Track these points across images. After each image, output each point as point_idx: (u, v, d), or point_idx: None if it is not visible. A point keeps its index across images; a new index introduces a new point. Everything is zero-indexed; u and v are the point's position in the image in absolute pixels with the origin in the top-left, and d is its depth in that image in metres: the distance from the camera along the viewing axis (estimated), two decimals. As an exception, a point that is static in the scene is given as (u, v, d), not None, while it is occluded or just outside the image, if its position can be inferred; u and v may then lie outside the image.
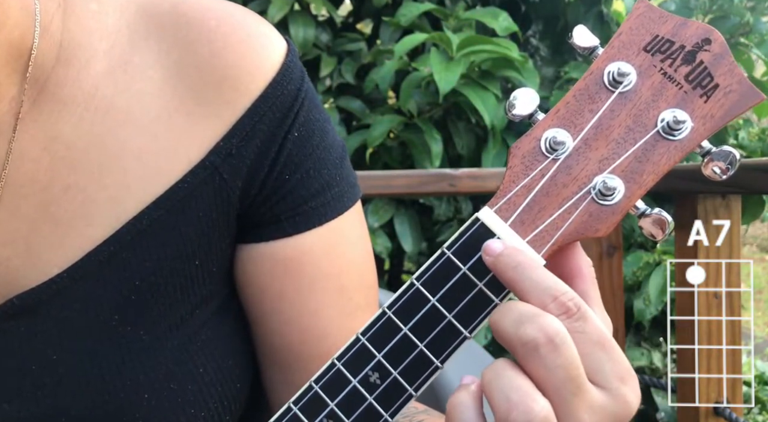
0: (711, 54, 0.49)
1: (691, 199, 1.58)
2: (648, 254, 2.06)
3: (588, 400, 0.45)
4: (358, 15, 2.56)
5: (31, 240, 0.59)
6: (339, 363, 0.49)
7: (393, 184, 1.78)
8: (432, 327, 0.48)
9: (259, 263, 0.63)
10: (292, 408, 0.49)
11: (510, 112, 0.50)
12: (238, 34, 0.61)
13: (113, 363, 0.59)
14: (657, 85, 0.49)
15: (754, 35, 2.31)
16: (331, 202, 0.63)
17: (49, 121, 0.59)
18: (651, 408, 2.19)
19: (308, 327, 0.63)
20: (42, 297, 0.58)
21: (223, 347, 0.64)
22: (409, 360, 0.48)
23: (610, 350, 0.45)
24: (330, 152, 0.64)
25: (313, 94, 0.64)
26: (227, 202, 0.61)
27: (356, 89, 2.31)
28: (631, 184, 0.48)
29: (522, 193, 0.49)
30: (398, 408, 0.48)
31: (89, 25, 0.61)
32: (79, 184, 0.59)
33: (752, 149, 2.27)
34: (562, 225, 0.48)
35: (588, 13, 2.50)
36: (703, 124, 0.48)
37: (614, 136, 0.49)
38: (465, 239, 0.48)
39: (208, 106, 0.60)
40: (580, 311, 0.45)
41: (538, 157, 0.49)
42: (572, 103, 0.50)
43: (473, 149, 2.18)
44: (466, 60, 2.03)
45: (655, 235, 0.49)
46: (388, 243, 2.10)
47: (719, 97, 0.49)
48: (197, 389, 0.62)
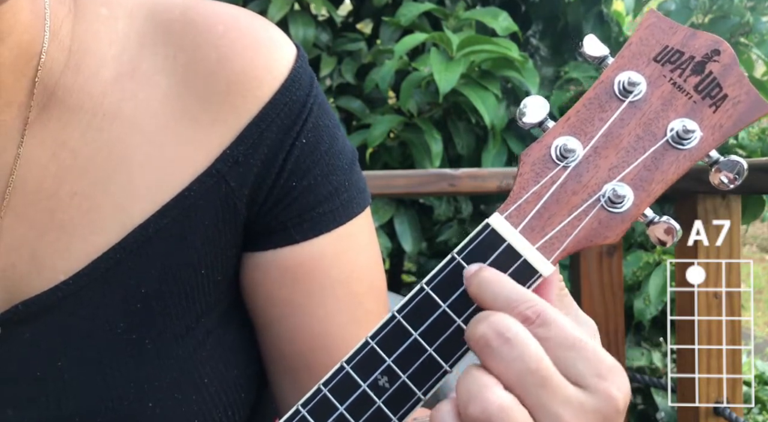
0: (720, 65, 0.50)
1: (691, 198, 1.58)
2: (648, 254, 2.06)
3: (562, 395, 0.44)
4: (358, 15, 2.56)
5: (37, 246, 0.59)
6: (348, 367, 0.49)
7: (393, 184, 1.78)
8: (441, 331, 0.48)
9: (267, 271, 0.63)
10: (300, 411, 0.49)
11: (520, 120, 0.50)
12: (246, 40, 0.61)
13: (118, 371, 0.59)
14: (667, 95, 0.50)
15: (754, 35, 2.31)
16: (340, 208, 0.63)
17: (57, 128, 0.59)
18: (651, 408, 2.19)
19: (318, 333, 0.63)
20: (47, 304, 0.58)
21: (228, 357, 0.64)
22: (418, 365, 0.48)
23: (581, 349, 0.45)
24: (339, 158, 0.63)
25: (323, 99, 0.63)
26: (234, 210, 0.61)
27: (356, 89, 2.31)
28: (640, 192, 0.49)
29: (532, 200, 0.49)
30: (407, 412, 0.48)
31: (99, 30, 0.60)
32: (86, 191, 0.59)
33: (752, 149, 2.27)
34: (572, 232, 0.49)
35: (588, 13, 2.49)
36: (712, 134, 0.49)
37: (624, 144, 0.49)
38: (475, 245, 0.49)
39: (215, 112, 0.60)
40: (540, 317, 0.45)
41: (548, 164, 0.49)
42: (582, 111, 0.50)
43: (473, 149, 2.17)
44: (466, 60, 2.03)
45: (665, 242, 0.49)
46: (388, 243, 2.10)
47: (728, 108, 0.49)
48: (201, 399, 0.61)
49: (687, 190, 1.58)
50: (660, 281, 1.97)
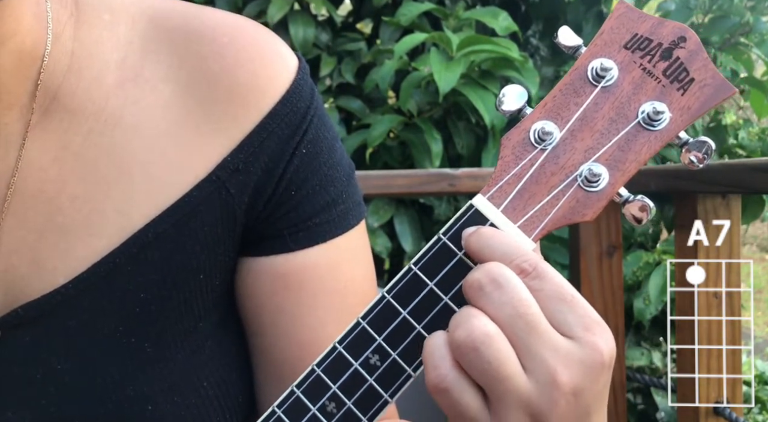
0: (686, 51, 0.52)
1: (691, 198, 1.58)
2: (648, 254, 2.06)
3: (549, 341, 0.46)
4: (358, 15, 2.56)
5: (37, 248, 0.59)
6: (340, 347, 0.50)
7: (393, 183, 1.78)
8: (429, 309, 0.50)
9: (260, 276, 0.63)
10: (295, 392, 0.51)
11: (499, 107, 0.53)
12: (250, 52, 0.61)
13: (117, 375, 0.59)
14: (637, 80, 0.52)
15: (754, 35, 2.30)
16: (336, 220, 0.64)
17: (59, 131, 0.59)
18: (651, 408, 2.19)
19: (307, 342, 0.63)
20: (47, 308, 0.58)
21: (226, 361, 0.64)
22: (408, 342, 0.50)
23: (571, 303, 0.47)
24: (337, 170, 0.64)
25: (323, 111, 0.64)
26: (233, 216, 0.61)
27: (356, 89, 2.31)
28: (614, 172, 0.51)
29: (513, 181, 0.51)
30: (398, 388, 0.50)
31: (101, 34, 0.60)
32: (87, 195, 0.59)
33: (752, 149, 2.27)
34: (551, 210, 0.51)
35: (588, 12, 2.50)
36: (681, 116, 0.52)
37: (598, 127, 0.52)
38: (460, 225, 0.51)
39: (217, 121, 0.60)
40: (536, 270, 0.48)
41: (527, 147, 0.52)
42: (559, 97, 0.53)
43: (473, 149, 2.17)
44: (466, 60, 2.03)
45: (640, 219, 0.52)
46: (388, 243, 2.10)
47: (695, 91, 0.52)
48: (200, 403, 0.62)
49: (687, 190, 1.58)
50: (660, 281, 1.97)
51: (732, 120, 2.29)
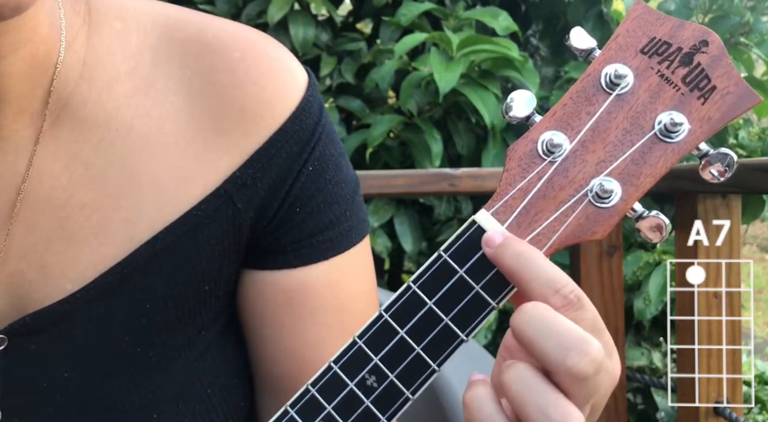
0: (708, 56, 0.49)
1: (691, 198, 1.58)
2: (648, 254, 2.06)
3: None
4: (358, 15, 2.56)
5: (45, 255, 0.59)
6: (336, 367, 0.48)
7: (393, 183, 1.78)
8: (429, 330, 0.48)
9: (262, 290, 0.63)
10: (288, 412, 0.49)
11: (507, 114, 0.50)
12: (262, 67, 0.61)
13: (123, 383, 0.60)
14: (654, 88, 0.49)
15: (754, 35, 2.30)
16: (339, 237, 0.63)
17: (69, 139, 0.59)
18: (651, 408, 2.19)
19: (307, 359, 0.63)
20: (54, 317, 0.58)
21: (228, 367, 0.64)
22: (406, 364, 0.48)
23: (601, 331, 0.48)
24: (342, 187, 0.64)
25: (331, 127, 0.64)
26: (239, 230, 0.61)
27: (356, 89, 2.31)
28: (628, 187, 0.48)
29: (519, 196, 0.48)
30: (395, 411, 0.48)
31: (112, 44, 0.60)
32: (96, 203, 0.59)
33: (752, 149, 2.27)
34: (559, 228, 0.48)
35: (588, 12, 2.49)
36: (701, 127, 0.48)
37: (611, 138, 0.48)
38: (462, 242, 0.48)
39: (227, 136, 0.60)
40: (581, 301, 0.47)
41: (534, 159, 0.49)
42: (569, 105, 0.49)
43: (473, 149, 2.17)
44: (466, 60, 2.03)
45: (653, 239, 0.49)
46: (388, 243, 2.10)
47: (717, 99, 0.48)
48: (204, 410, 0.62)
49: (687, 190, 1.58)
50: (660, 281, 1.96)
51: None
